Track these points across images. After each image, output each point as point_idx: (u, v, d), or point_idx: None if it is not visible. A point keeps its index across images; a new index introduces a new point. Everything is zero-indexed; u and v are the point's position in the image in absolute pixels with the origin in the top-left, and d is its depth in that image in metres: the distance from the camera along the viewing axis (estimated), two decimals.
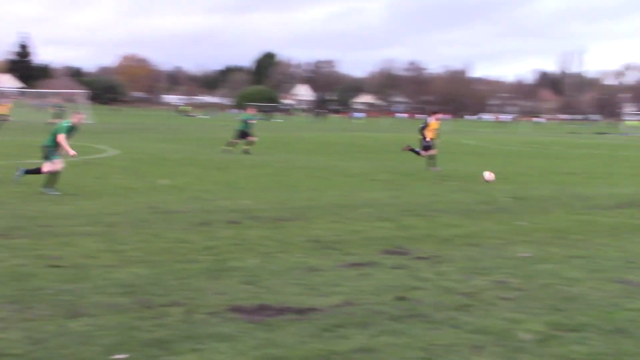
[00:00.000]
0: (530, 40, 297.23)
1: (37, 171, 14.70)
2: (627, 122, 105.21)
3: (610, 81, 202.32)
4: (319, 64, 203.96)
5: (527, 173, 23.35)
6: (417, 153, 23.91)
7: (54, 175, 14.44)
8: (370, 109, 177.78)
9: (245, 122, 29.45)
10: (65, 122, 15.28)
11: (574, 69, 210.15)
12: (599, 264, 9.22)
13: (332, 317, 6.49)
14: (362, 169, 22.91)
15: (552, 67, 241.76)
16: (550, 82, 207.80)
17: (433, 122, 24.10)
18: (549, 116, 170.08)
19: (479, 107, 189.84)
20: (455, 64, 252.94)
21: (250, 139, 28.85)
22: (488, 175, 19.39)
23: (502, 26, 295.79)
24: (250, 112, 30.78)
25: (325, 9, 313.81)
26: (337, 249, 9.68)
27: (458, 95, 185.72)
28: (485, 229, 11.84)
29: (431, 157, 23.38)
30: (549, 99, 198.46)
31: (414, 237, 10.79)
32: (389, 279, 8.08)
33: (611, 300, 7.45)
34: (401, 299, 7.18)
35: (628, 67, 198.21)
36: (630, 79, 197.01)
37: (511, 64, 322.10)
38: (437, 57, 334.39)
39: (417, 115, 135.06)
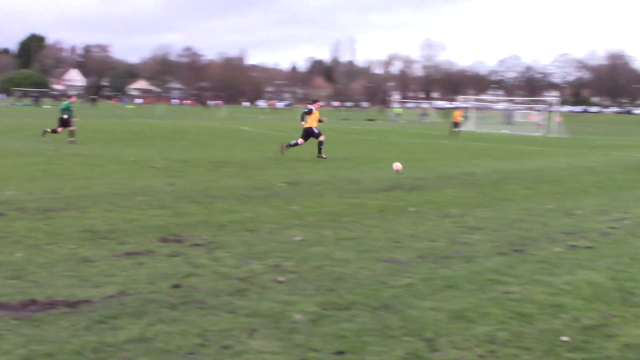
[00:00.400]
0: (305, 29, 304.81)
1: None
2: (394, 109, 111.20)
3: (378, 70, 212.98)
4: (90, 48, 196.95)
5: (301, 158, 23.96)
6: (295, 144, 24.72)
7: None
8: (146, 95, 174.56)
9: (68, 110, 28.40)
10: None
11: (345, 57, 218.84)
12: (367, 245, 9.69)
13: (105, 309, 6.32)
14: (138, 156, 22.46)
15: (325, 55, 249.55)
16: (323, 70, 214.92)
17: (315, 110, 24.81)
18: (322, 103, 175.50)
19: (255, 94, 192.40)
20: (232, 51, 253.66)
21: (71, 128, 27.85)
22: (396, 166, 20.68)
23: (277, 14, 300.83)
24: (70, 100, 29.45)
25: None
26: (111, 239, 9.43)
27: (234, 82, 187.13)
28: (261, 214, 12.03)
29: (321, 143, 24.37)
30: (322, 86, 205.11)
31: (191, 224, 10.75)
32: (164, 267, 8.00)
33: (378, 278, 7.86)
34: (177, 286, 7.14)
35: (393, 57, 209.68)
36: (395, 68, 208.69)
37: (286, 52, 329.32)
38: (213, 44, 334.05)
39: (191, 102, 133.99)
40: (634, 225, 12.32)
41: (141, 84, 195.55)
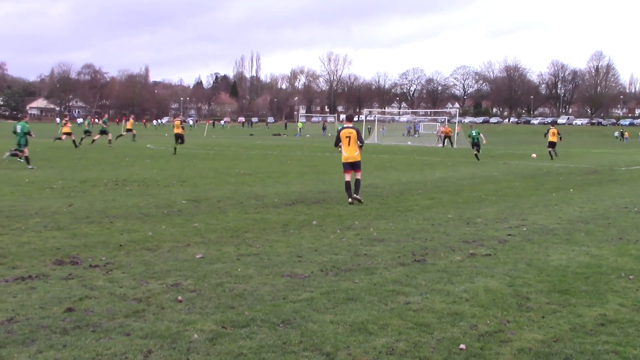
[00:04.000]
0: (215, 46, 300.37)
1: None
2: (298, 124, 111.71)
3: (283, 85, 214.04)
4: None
5: (204, 175, 23.74)
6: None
7: None
8: (46, 113, 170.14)
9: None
10: None
11: (250, 73, 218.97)
12: (269, 260, 9.61)
13: None
14: (34, 176, 21.75)
15: (230, 71, 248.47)
16: (229, 86, 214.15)
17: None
18: (227, 119, 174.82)
19: (161, 110, 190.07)
20: (138, 69, 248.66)
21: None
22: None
23: (188, 32, 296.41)
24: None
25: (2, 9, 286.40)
26: (1, 263, 9.04)
27: (137, 99, 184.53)
28: (161, 232, 11.80)
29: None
30: (227, 102, 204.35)
31: (88, 245, 10.44)
32: (58, 290, 7.71)
33: (279, 293, 7.79)
34: (70, 310, 6.89)
35: (298, 72, 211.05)
36: (300, 83, 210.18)
37: (194, 69, 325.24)
38: (122, 62, 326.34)
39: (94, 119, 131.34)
40: (530, 232, 12.66)
41: (40, 102, 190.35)
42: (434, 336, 6.36)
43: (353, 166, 16.97)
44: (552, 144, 38.55)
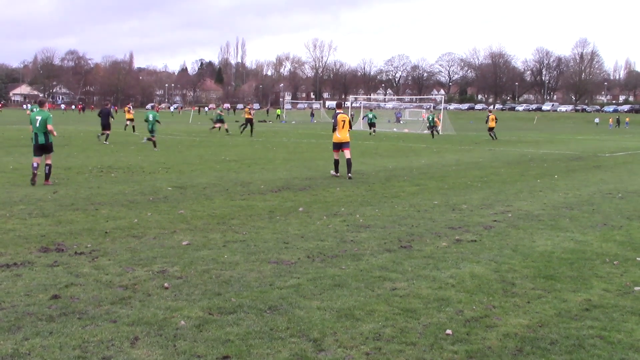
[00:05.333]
0: (202, 32, 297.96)
1: None
2: (277, 111, 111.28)
3: (269, 71, 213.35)
4: None
5: (190, 162, 23.66)
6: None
7: None
8: (30, 100, 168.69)
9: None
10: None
11: (236, 59, 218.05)
12: (255, 247, 9.61)
13: None
14: (18, 164, 21.61)
15: (216, 58, 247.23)
16: (214, 72, 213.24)
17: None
18: (212, 105, 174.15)
19: (145, 97, 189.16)
20: (123, 55, 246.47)
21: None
22: None
23: (177, 17, 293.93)
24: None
25: None
26: None
27: (121, 86, 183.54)
28: (147, 219, 11.77)
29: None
30: (212, 88, 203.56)
31: (73, 232, 10.41)
32: (43, 277, 7.69)
33: (265, 280, 7.79)
34: (56, 297, 6.87)
35: (283, 59, 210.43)
36: (286, 69, 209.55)
37: (181, 55, 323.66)
38: (108, 48, 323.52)
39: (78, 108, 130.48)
40: (516, 218, 12.71)
41: (24, 88, 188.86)
42: (420, 322, 6.39)
43: (343, 145, 19.88)
44: (491, 129, 45.98)
